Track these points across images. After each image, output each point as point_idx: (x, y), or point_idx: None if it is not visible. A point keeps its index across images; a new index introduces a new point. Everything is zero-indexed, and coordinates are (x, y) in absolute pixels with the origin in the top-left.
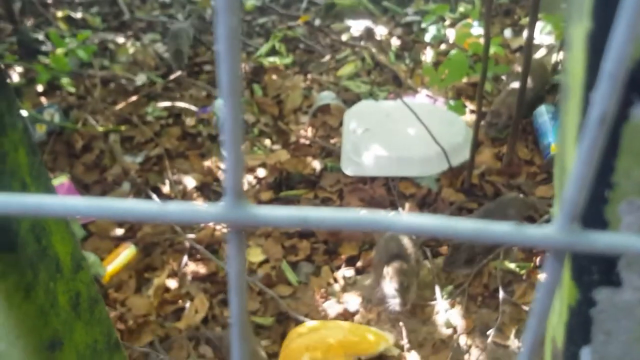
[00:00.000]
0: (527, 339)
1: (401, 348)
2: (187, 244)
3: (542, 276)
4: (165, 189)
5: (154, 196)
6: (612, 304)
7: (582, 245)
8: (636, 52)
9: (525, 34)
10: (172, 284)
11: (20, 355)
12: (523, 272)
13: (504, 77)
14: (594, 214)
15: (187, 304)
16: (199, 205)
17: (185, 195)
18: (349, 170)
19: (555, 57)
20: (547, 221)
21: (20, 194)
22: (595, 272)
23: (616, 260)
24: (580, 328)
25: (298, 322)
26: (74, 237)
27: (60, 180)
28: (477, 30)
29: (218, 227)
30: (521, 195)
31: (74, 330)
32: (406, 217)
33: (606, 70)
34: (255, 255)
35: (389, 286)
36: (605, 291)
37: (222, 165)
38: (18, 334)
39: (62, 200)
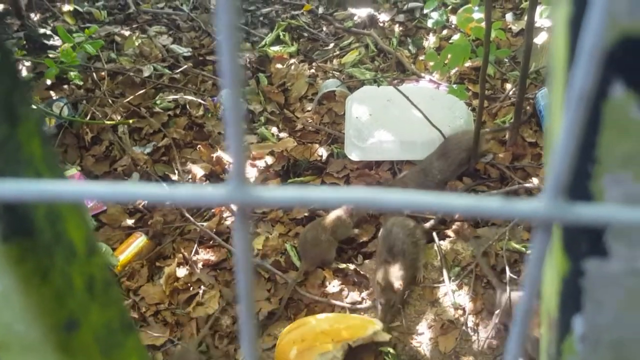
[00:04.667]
0: (520, 308)
1: (391, 332)
2: (197, 230)
3: (531, 249)
4: (174, 178)
5: (164, 185)
6: (601, 274)
7: (567, 217)
8: (613, 34)
9: (526, 17)
10: (183, 272)
11: (39, 336)
12: (529, 252)
13: (506, 60)
14: (579, 187)
15: (199, 291)
16: (205, 188)
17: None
18: (353, 155)
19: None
20: None
21: (37, 180)
22: (584, 243)
23: (603, 232)
24: (571, 298)
25: (307, 305)
26: (88, 224)
27: (71, 172)
28: (479, 14)
29: (226, 214)
30: None
31: (90, 311)
32: (401, 194)
33: (583, 50)
34: (259, 242)
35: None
36: (593, 261)
37: (229, 155)
38: (36, 315)
39: (75, 185)
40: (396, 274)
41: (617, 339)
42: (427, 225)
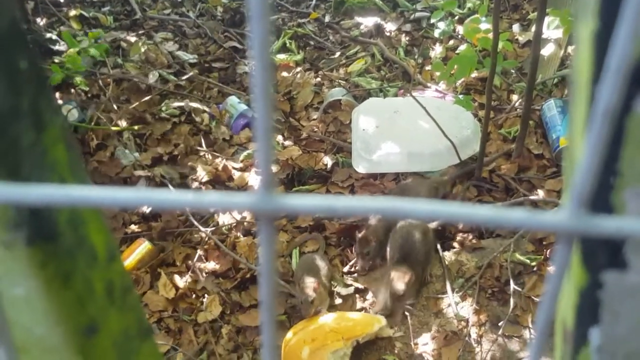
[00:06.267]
0: (540, 319)
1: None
2: (202, 236)
3: (553, 261)
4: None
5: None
6: (619, 286)
7: (590, 229)
8: (638, 50)
9: (533, 28)
10: (187, 279)
11: (59, 340)
12: (534, 264)
13: (513, 71)
14: (600, 200)
15: (203, 299)
16: (233, 195)
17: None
18: (360, 167)
19: (563, 52)
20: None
21: (61, 185)
22: (603, 255)
23: (622, 244)
24: (588, 310)
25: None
26: (108, 229)
27: None
28: (486, 25)
29: (230, 220)
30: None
31: (109, 317)
32: (426, 205)
33: (610, 66)
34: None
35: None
36: (612, 274)
37: (235, 163)
38: (57, 319)
39: (102, 191)
40: (407, 281)
41: (634, 350)
42: (433, 225)
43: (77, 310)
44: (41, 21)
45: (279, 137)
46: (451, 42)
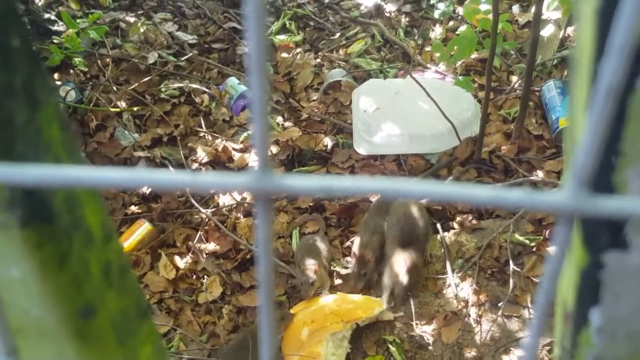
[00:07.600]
0: (540, 299)
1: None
2: (203, 217)
3: (553, 241)
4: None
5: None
6: (620, 266)
7: (590, 209)
8: None
9: (533, 9)
10: (188, 260)
11: (55, 322)
12: (533, 244)
13: (512, 52)
14: (602, 180)
15: (203, 280)
16: (230, 175)
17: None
18: (361, 149)
19: (563, 33)
20: None
21: (56, 165)
22: (604, 235)
23: (624, 224)
24: (589, 290)
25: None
26: (104, 209)
27: None
28: (486, 6)
29: (230, 202)
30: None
31: (106, 298)
32: (424, 185)
33: (614, 43)
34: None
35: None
36: (613, 254)
37: (235, 144)
38: (53, 301)
39: (97, 171)
40: (413, 260)
41: (635, 330)
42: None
43: (74, 293)
44: (39, 1)
45: (279, 118)
46: (451, 23)
